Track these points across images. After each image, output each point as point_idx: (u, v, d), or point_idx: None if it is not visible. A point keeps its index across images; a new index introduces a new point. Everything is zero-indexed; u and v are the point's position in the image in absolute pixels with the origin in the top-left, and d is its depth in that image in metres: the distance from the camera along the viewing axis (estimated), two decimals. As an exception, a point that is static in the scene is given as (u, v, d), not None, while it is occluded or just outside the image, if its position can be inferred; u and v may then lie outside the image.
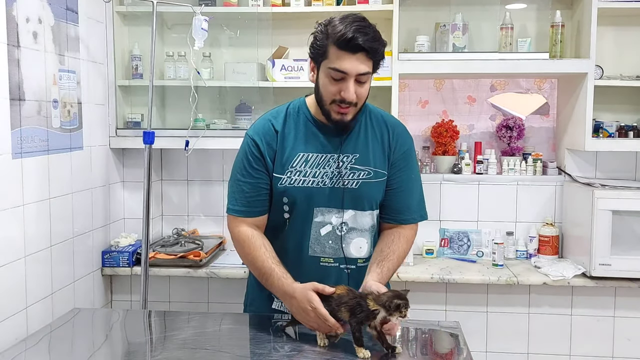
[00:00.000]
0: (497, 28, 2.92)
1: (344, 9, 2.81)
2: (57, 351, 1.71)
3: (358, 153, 1.75)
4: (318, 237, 1.75)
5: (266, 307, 1.86)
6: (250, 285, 1.96)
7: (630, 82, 2.82)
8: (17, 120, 2.06)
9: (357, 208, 1.76)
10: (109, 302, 2.85)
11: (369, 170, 1.76)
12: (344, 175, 1.74)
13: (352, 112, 1.68)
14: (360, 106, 1.71)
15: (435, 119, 3.14)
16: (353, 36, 1.57)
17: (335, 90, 1.64)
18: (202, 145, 2.81)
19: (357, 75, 1.62)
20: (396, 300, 1.47)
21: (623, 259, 2.59)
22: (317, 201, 1.74)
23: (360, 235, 1.78)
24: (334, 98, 1.65)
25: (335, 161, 1.74)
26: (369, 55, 1.61)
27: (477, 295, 2.74)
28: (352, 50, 1.59)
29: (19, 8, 2.07)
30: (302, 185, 1.73)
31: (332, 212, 1.75)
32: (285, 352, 1.56)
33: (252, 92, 2.94)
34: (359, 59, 1.61)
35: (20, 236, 2.10)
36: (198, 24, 2.57)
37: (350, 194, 1.74)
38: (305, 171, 1.73)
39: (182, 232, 3.08)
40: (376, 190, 1.77)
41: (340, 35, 1.58)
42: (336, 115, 1.68)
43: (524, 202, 3.04)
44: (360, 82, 1.65)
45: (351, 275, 1.78)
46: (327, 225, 1.75)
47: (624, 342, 2.69)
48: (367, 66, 1.63)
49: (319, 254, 1.76)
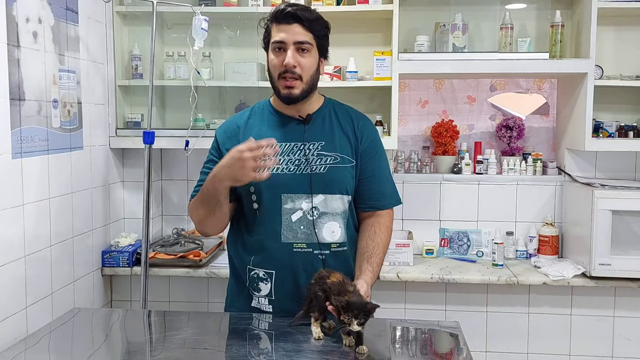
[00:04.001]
0: (497, 28, 2.92)
1: (344, 9, 2.82)
2: (57, 351, 1.71)
3: (324, 141, 1.81)
4: (290, 224, 1.77)
5: (246, 306, 1.87)
6: (229, 286, 1.98)
7: (630, 82, 2.82)
8: (17, 120, 2.06)
9: (327, 192, 1.79)
10: (108, 302, 2.85)
11: (336, 155, 1.80)
12: (311, 162, 1.78)
13: (299, 87, 1.75)
14: (308, 80, 1.76)
15: (435, 119, 3.14)
16: (285, 8, 1.73)
17: (278, 62, 1.74)
18: (202, 145, 2.80)
19: (295, 43, 1.72)
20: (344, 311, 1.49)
21: (623, 259, 2.60)
22: (283, 187, 1.77)
23: (332, 220, 1.80)
24: (279, 71, 1.74)
25: (300, 149, 1.79)
26: (305, 24, 1.73)
27: (477, 295, 2.74)
28: (287, 21, 1.72)
29: (19, 8, 2.07)
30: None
31: (302, 198, 1.77)
32: (285, 352, 1.56)
33: (252, 92, 2.94)
34: (296, 30, 1.73)
35: (20, 236, 2.10)
36: (198, 24, 2.57)
37: (319, 179, 1.78)
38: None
39: (182, 232, 3.08)
40: (344, 175, 1.81)
41: (276, 10, 1.75)
42: (283, 89, 1.75)
43: (524, 202, 3.04)
44: (302, 53, 1.73)
45: (326, 261, 1.79)
46: (298, 211, 1.77)
47: (623, 342, 2.69)
48: (306, 36, 1.73)
49: (292, 240, 1.77)
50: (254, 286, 1.84)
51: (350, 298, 1.51)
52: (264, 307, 1.84)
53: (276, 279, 1.79)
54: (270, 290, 1.81)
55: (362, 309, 1.49)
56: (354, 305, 1.49)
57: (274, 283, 1.80)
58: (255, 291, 1.84)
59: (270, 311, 1.83)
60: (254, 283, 1.83)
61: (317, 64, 1.79)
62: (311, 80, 1.78)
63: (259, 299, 1.84)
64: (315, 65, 1.78)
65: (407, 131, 3.16)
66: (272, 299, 1.82)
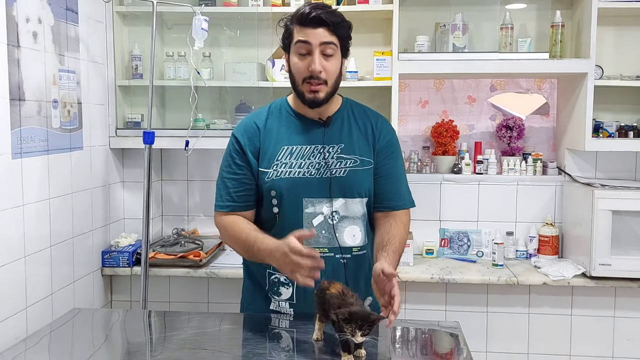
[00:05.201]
0: (497, 28, 2.92)
1: (344, 9, 2.81)
2: (57, 351, 1.71)
3: (343, 143, 1.79)
4: (311, 228, 1.75)
5: (265, 309, 1.85)
6: (245, 289, 1.95)
7: (630, 82, 2.82)
8: (17, 120, 2.06)
9: (347, 196, 1.77)
10: (108, 302, 2.85)
11: (355, 158, 1.78)
12: (330, 165, 1.76)
13: (324, 91, 1.71)
14: (332, 84, 1.73)
15: (435, 119, 3.14)
16: (310, 11, 1.68)
17: (303, 66, 1.70)
18: (202, 145, 2.80)
19: (321, 45, 1.68)
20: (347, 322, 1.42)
21: (623, 259, 2.59)
22: (305, 191, 1.75)
23: (353, 223, 1.79)
24: (304, 75, 1.70)
25: (320, 152, 1.77)
26: (330, 28, 1.68)
27: (477, 295, 2.74)
28: (312, 25, 1.68)
29: (19, 8, 2.07)
30: (288, 176, 1.75)
31: (322, 202, 1.76)
32: (285, 352, 1.56)
33: (252, 92, 2.94)
34: (320, 32, 1.68)
35: (20, 236, 2.10)
36: (198, 24, 2.57)
37: (339, 182, 1.76)
38: (291, 163, 1.76)
39: (182, 232, 3.08)
40: (364, 178, 1.79)
41: (300, 13, 1.70)
42: (308, 94, 1.72)
43: (524, 202, 3.04)
44: (327, 56, 1.70)
45: (347, 265, 1.78)
46: (319, 215, 1.76)
47: (624, 342, 2.69)
48: (331, 40, 1.69)
49: (313, 244, 1.74)
50: (274, 290, 1.81)
51: (351, 309, 1.44)
52: (284, 310, 1.82)
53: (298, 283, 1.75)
54: (292, 294, 1.79)
55: (366, 320, 1.42)
56: (357, 316, 1.42)
57: (295, 287, 1.78)
58: (276, 295, 1.81)
59: (292, 314, 1.80)
60: (274, 287, 1.81)
61: (341, 65, 1.77)
62: (335, 83, 1.75)
63: (279, 302, 1.82)
64: (339, 67, 1.75)
65: (407, 131, 3.16)
66: (294, 302, 1.80)
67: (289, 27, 1.75)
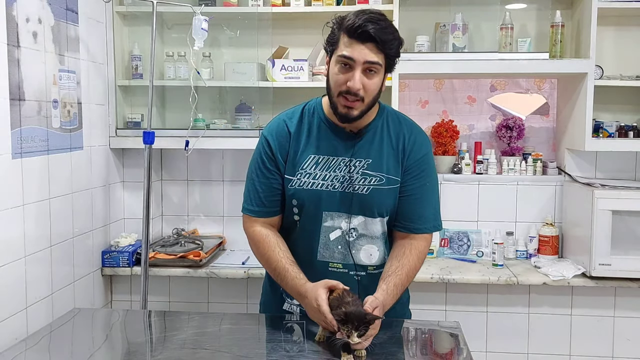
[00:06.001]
0: (497, 28, 2.92)
1: (344, 9, 2.81)
2: (57, 351, 1.71)
3: (371, 158, 1.71)
4: (327, 242, 1.73)
5: (278, 308, 1.86)
6: (264, 287, 1.96)
7: (630, 82, 2.82)
8: (17, 120, 2.06)
9: (367, 214, 1.72)
10: (109, 302, 2.85)
11: (381, 176, 1.71)
12: (354, 180, 1.70)
13: (359, 108, 1.63)
14: (369, 102, 1.65)
15: (435, 119, 3.14)
16: (362, 24, 1.56)
17: (342, 79, 1.61)
18: (202, 145, 2.80)
19: (364, 63, 1.59)
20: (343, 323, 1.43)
21: (623, 259, 2.59)
22: (325, 205, 1.71)
23: (371, 242, 1.75)
24: (341, 89, 1.62)
25: (346, 165, 1.71)
26: (378, 46, 1.58)
27: (477, 295, 2.74)
28: (361, 39, 1.57)
29: (19, 8, 2.07)
30: (310, 187, 1.71)
31: (342, 217, 1.72)
32: (285, 352, 1.56)
33: (252, 92, 2.94)
34: (368, 48, 1.58)
35: (20, 236, 2.10)
36: (198, 24, 2.57)
37: (360, 200, 1.70)
38: (315, 174, 1.71)
39: (182, 232, 3.08)
40: (387, 197, 1.72)
41: (351, 24, 1.58)
42: (342, 108, 1.64)
43: (524, 202, 3.04)
44: (369, 73, 1.61)
45: (361, 282, 1.76)
46: (337, 230, 1.73)
47: (624, 342, 2.69)
48: (377, 57, 1.59)
49: (328, 259, 1.74)
50: (287, 292, 1.78)
51: (347, 309, 1.43)
52: (295, 312, 1.81)
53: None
54: None
55: (361, 320, 1.41)
56: (352, 316, 1.41)
57: None
58: (289, 297, 1.81)
59: (299, 315, 1.80)
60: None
61: (383, 81, 1.68)
62: (373, 101, 1.66)
63: (292, 305, 1.82)
64: (379, 85, 1.66)
65: (407, 131, 3.16)
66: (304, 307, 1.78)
67: (335, 32, 1.64)
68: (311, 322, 1.66)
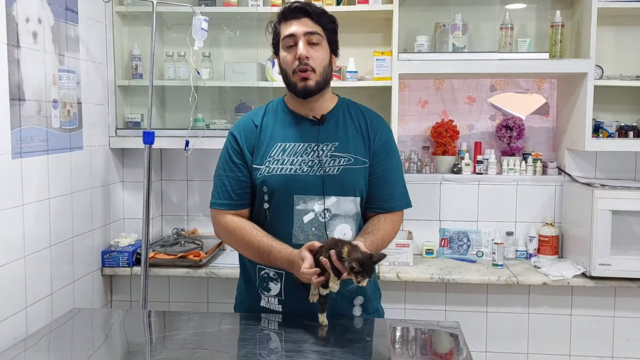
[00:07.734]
0: (497, 28, 2.92)
1: (344, 9, 2.82)
2: (57, 351, 1.71)
3: (337, 141, 1.80)
4: (301, 225, 1.76)
5: (255, 306, 1.87)
6: (239, 286, 1.98)
7: (630, 82, 2.82)
8: (17, 120, 2.06)
9: (340, 194, 1.77)
10: (108, 302, 2.85)
11: (350, 157, 1.79)
12: (324, 163, 1.77)
13: (313, 78, 1.74)
14: (321, 72, 1.75)
15: (435, 119, 3.14)
16: (292, 4, 1.76)
17: (291, 58, 1.75)
18: (202, 145, 2.81)
19: (305, 35, 1.73)
20: (355, 265, 1.50)
21: (623, 259, 2.59)
22: (296, 188, 1.76)
23: (344, 222, 1.79)
24: (293, 66, 1.74)
25: (313, 150, 1.78)
26: (313, 18, 1.75)
27: (476, 295, 2.74)
28: (295, 16, 1.75)
29: (19, 8, 2.07)
30: (279, 173, 1.76)
31: (314, 199, 1.76)
32: (285, 352, 1.56)
33: (252, 92, 2.94)
34: (304, 23, 1.75)
35: (20, 236, 2.10)
36: (198, 24, 2.57)
37: (332, 180, 1.77)
38: (283, 159, 1.77)
39: (182, 232, 3.08)
40: (357, 176, 1.79)
41: (283, 9, 1.77)
42: (299, 82, 1.74)
43: (523, 202, 3.04)
44: (313, 44, 1.74)
45: None
46: (310, 212, 1.76)
47: (623, 342, 2.69)
48: (314, 27, 1.75)
49: (303, 241, 1.74)
50: (264, 286, 1.83)
51: (355, 256, 1.50)
52: (273, 306, 1.83)
53: (286, 279, 1.78)
54: (280, 290, 1.80)
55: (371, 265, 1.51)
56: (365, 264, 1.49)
57: (284, 283, 1.79)
58: (265, 291, 1.83)
59: (280, 311, 1.82)
60: (264, 283, 1.82)
61: (329, 58, 1.80)
62: (324, 73, 1.77)
63: (269, 298, 1.83)
64: (327, 59, 1.78)
65: (407, 131, 3.16)
66: (282, 298, 1.81)
67: (276, 27, 1.80)
68: (308, 318, 1.68)
